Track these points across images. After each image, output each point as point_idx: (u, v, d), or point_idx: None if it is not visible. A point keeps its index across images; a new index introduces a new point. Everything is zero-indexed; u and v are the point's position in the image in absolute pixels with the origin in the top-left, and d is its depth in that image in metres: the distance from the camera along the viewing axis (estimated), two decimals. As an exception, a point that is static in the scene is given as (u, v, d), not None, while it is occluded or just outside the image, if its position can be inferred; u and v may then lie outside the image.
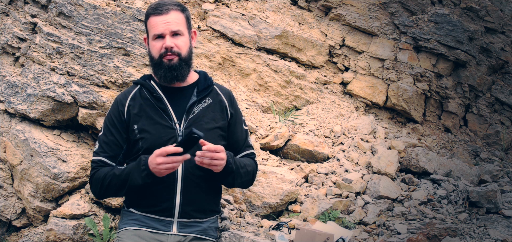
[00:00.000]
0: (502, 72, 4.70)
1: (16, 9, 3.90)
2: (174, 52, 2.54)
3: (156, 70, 2.59)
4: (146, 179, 2.44)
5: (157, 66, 2.57)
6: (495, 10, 4.58)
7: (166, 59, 2.54)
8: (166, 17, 2.53)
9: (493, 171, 3.92)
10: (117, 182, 2.51)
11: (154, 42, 2.56)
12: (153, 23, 2.54)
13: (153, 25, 2.54)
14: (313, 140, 3.97)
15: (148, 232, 2.57)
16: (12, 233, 3.79)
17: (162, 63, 2.55)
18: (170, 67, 2.55)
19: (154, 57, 2.57)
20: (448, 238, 2.97)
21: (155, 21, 2.53)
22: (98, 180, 2.55)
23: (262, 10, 4.48)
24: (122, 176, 2.50)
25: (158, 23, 2.53)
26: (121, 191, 2.55)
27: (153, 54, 2.57)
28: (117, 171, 2.52)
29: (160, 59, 2.55)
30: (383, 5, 4.55)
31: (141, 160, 2.46)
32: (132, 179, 2.47)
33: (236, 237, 3.02)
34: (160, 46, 2.54)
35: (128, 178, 2.48)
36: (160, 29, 2.53)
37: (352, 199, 3.57)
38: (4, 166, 3.78)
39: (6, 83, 3.73)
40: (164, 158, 2.37)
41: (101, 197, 2.63)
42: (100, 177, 2.54)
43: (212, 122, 2.64)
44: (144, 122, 2.57)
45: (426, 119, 4.64)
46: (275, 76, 4.30)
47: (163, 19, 2.52)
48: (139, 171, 2.45)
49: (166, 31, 2.53)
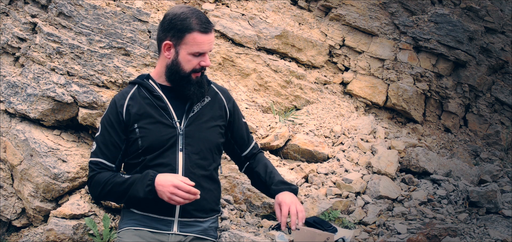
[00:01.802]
0: (502, 72, 4.70)
1: (16, 9, 3.90)
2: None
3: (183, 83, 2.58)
4: (148, 195, 2.44)
5: (185, 80, 2.57)
6: (495, 10, 4.58)
7: (194, 75, 2.56)
8: (210, 37, 2.54)
9: (493, 171, 3.92)
10: (119, 191, 2.50)
11: (190, 57, 2.54)
12: (199, 41, 2.51)
13: (198, 42, 2.51)
14: (313, 140, 3.98)
15: (148, 232, 2.57)
16: (12, 233, 3.79)
17: (191, 79, 2.56)
18: (199, 84, 2.58)
19: (184, 70, 2.56)
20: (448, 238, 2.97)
21: (201, 39, 2.51)
22: (98, 184, 2.54)
23: (262, 10, 4.48)
24: (124, 186, 2.49)
25: (204, 42, 2.52)
26: (121, 199, 2.55)
27: (185, 67, 2.55)
28: (120, 179, 2.51)
29: (190, 74, 2.56)
30: (383, 5, 4.55)
31: (148, 175, 2.45)
32: (134, 190, 2.46)
33: (236, 237, 3.02)
34: (196, 62, 2.54)
35: (130, 189, 2.48)
36: (204, 48, 2.53)
37: (352, 199, 3.57)
38: (4, 166, 3.78)
39: (6, 83, 3.73)
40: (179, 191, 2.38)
41: (98, 200, 2.64)
42: (101, 181, 2.53)
43: (211, 120, 2.65)
44: (145, 121, 2.57)
45: (426, 119, 4.64)
46: (275, 76, 4.30)
47: (208, 39, 2.53)
48: (143, 184, 2.44)
49: (207, 51, 2.55)
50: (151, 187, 2.42)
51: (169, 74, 2.59)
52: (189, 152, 2.56)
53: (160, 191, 2.41)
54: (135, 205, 2.57)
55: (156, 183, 2.42)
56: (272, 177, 2.78)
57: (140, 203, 2.54)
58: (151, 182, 2.43)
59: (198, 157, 2.58)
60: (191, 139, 2.57)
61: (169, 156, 2.53)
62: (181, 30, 2.52)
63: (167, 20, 2.56)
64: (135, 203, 2.56)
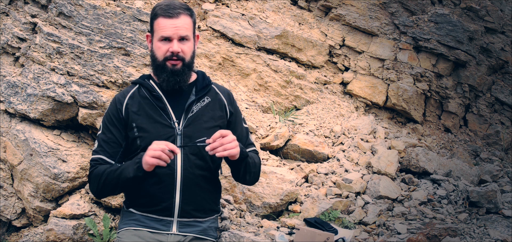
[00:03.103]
0: (502, 72, 4.70)
1: (16, 9, 3.90)
2: (179, 57, 2.53)
3: (158, 72, 2.58)
4: (138, 172, 2.43)
5: (159, 68, 2.56)
6: (495, 10, 4.58)
7: (170, 63, 2.53)
8: (176, 21, 2.51)
9: (493, 171, 3.92)
10: (113, 178, 2.50)
11: (159, 43, 2.53)
12: (162, 25, 2.51)
13: (161, 26, 2.51)
14: (313, 140, 3.98)
15: (148, 232, 2.57)
16: (12, 233, 3.80)
17: (165, 66, 2.54)
18: (174, 72, 2.54)
19: (157, 58, 2.55)
20: (448, 238, 2.97)
21: (164, 23, 2.51)
22: (96, 177, 2.55)
23: (262, 10, 4.48)
24: (117, 172, 2.50)
25: (167, 26, 2.50)
26: (116, 188, 2.54)
27: (157, 55, 2.55)
28: (114, 168, 2.52)
29: (164, 61, 2.53)
30: (383, 5, 4.55)
31: (137, 156, 2.47)
32: (126, 172, 2.47)
33: (236, 237, 3.02)
34: (166, 49, 2.52)
35: (122, 173, 2.48)
36: (168, 32, 2.51)
37: (352, 199, 3.57)
38: (4, 166, 3.78)
39: (6, 83, 3.73)
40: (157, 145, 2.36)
41: (99, 195, 2.62)
42: (99, 174, 2.54)
43: (211, 121, 2.64)
44: (143, 120, 2.57)
45: (426, 119, 4.64)
46: (275, 76, 4.30)
47: (172, 23, 2.50)
48: (133, 164, 2.45)
49: (174, 36, 2.51)
50: (139, 164, 2.42)
51: (152, 66, 2.62)
52: (187, 152, 2.57)
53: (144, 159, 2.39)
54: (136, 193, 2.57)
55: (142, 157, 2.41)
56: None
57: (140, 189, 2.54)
58: (139, 160, 2.43)
59: (196, 157, 2.58)
60: (189, 139, 2.57)
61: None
62: (151, 19, 2.58)
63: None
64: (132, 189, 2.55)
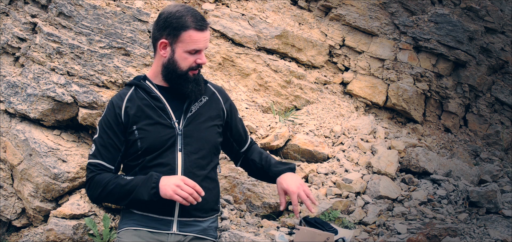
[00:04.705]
0: (502, 72, 4.70)
1: (16, 9, 3.90)
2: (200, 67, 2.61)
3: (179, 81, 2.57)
4: (153, 197, 2.43)
5: (182, 78, 2.56)
6: (495, 10, 4.58)
7: (192, 73, 2.57)
8: (206, 34, 2.55)
9: (493, 171, 3.92)
10: (121, 192, 2.48)
11: (187, 54, 2.54)
12: (195, 38, 2.52)
13: (194, 39, 2.52)
14: (313, 140, 3.98)
15: (148, 232, 2.57)
16: (12, 233, 3.80)
17: (188, 76, 2.56)
18: (196, 82, 2.59)
19: (181, 68, 2.55)
20: (448, 238, 2.97)
21: (197, 37, 2.52)
22: (98, 185, 2.52)
23: (262, 10, 4.48)
24: (127, 187, 2.47)
25: (200, 40, 2.53)
26: (122, 201, 2.52)
27: (182, 65, 2.55)
28: (122, 181, 2.49)
29: (187, 71, 2.56)
30: (383, 5, 4.55)
31: (152, 177, 2.44)
32: (138, 193, 2.45)
33: (236, 237, 3.02)
34: (193, 60, 2.54)
35: (133, 191, 2.46)
36: (200, 46, 2.53)
37: (352, 199, 3.57)
38: (4, 166, 3.79)
39: (6, 83, 3.73)
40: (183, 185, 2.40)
41: (97, 201, 2.61)
42: (102, 182, 2.51)
43: (209, 120, 2.65)
44: (144, 122, 2.56)
45: (426, 119, 4.64)
46: (275, 76, 4.30)
47: (204, 37, 2.54)
48: (148, 187, 2.44)
49: (204, 48, 2.56)
50: (156, 189, 2.42)
51: (166, 73, 2.59)
52: (188, 152, 2.57)
53: (164, 186, 2.41)
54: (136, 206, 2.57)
55: (160, 185, 2.42)
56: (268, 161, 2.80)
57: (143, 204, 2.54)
58: (155, 185, 2.43)
59: (197, 157, 2.58)
60: (190, 139, 2.57)
61: (168, 156, 2.53)
62: (176, 28, 2.52)
63: (162, 18, 2.56)
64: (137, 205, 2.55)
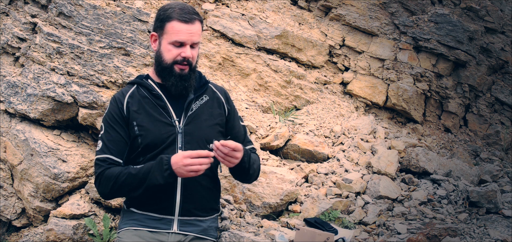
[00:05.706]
0: (502, 72, 4.70)
1: (16, 9, 3.90)
2: (188, 62, 2.53)
3: (164, 74, 2.56)
4: (169, 178, 2.41)
5: (166, 71, 2.54)
6: (495, 10, 4.59)
7: (178, 67, 2.52)
8: (191, 27, 2.50)
9: (493, 171, 3.92)
10: (133, 181, 2.46)
11: (170, 46, 2.51)
12: (177, 29, 2.49)
13: (176, 30, 2.49)
14: (313, 140, 3.98)
15: (148, 232, 2.56)
16: (12, 233, 3.80)
17: (173, 70, 2.53)
18: (182, 77, 2.54)
19: (165, 60, 2.54)
20: (448, 238, 2.97)
21: (179, 28, 2.49)
22: (109, 179, 2.49)
23: (262, 10, 4.48)
24: (140, 175, 2.45)
25: (182, 31, 2.49)
26: (136, 191, 2.48)
27: (166, 57, 2.53)
28: (133, 171, 2.47)
29: (172, 65, 2.53)
30: (383, 5, 4.55)
31: (163, 160, 2.42)
32: (152, 178, 2.43)
33: (236, 237, 3.02)
34: (177, 53, 2.51)
35: (147, 177, 2.44)
36: (182, 38, 2.50)
37: (352, 199, 3.57)
38: (4, 166, 3.78)
39: (6, 83, 3.73)
40: (192, 160, 2.36)
41: (109, 196, 2.58)
42: (112, 175, 2.48)
43: (210, 118, 2.65)
44: (144, 119, 2.56)
45: (426, 119, 4.64)
46: (275, 76, 4.30)
47: (188, 29, 2.49)
48: (161, 170, 2.41)
49: (188, 41, 2.50)
50: (170, 170, 2.40)
51: (156, 66, 2.60)
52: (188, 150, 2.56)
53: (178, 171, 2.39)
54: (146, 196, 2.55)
55: (172, 165, 2.40)
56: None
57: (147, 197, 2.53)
58: (168, 165, 2.41)
59: (197, 155, 2.58)
60: (190, 137, 2.57)
61: (169, 154, 2.53)
62: (162, 20, 2.54)
63: (157, 14, 2.60)
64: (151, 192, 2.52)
